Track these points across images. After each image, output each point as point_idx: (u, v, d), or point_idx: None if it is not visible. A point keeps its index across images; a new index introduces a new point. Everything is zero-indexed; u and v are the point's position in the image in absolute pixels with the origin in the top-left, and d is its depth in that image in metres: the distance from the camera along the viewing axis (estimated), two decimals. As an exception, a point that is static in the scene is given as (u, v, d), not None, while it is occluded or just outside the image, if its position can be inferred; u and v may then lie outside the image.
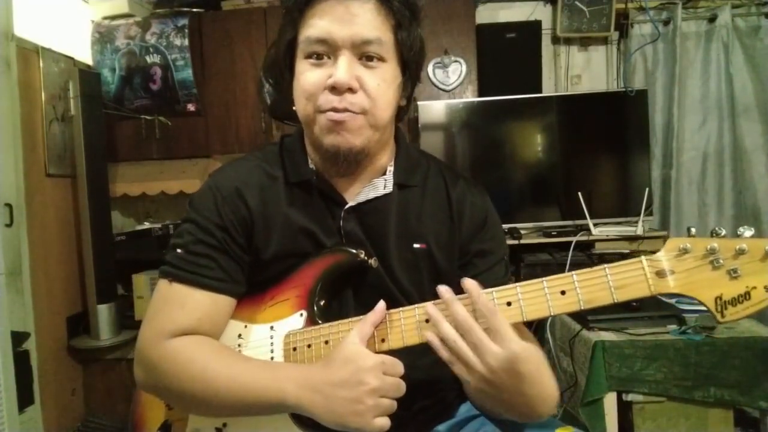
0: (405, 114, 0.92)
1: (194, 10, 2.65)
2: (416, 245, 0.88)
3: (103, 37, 2.65)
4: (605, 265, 0.71)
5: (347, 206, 0.87)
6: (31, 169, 2.20)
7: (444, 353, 0.72)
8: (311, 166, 0.89)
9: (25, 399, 2.04)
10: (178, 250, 0.84)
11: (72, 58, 2.51)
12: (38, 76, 2.28)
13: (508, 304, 0.73)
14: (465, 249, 0.90)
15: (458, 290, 0.83)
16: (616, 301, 0.70)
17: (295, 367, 0.78)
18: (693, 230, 0.70)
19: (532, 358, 0.69)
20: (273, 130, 2.63)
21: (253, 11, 2.67)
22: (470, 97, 2.64)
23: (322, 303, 0.85)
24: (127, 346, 2.43)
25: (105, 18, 2.67)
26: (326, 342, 0.79)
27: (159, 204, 2.95)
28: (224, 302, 0.85)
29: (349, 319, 0.79)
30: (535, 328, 2.29)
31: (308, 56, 0.81)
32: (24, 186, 2.13)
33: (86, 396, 2.48)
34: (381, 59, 0.80)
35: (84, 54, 2.62)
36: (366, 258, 0.85)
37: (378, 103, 0.80)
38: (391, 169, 0.90)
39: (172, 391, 0.81)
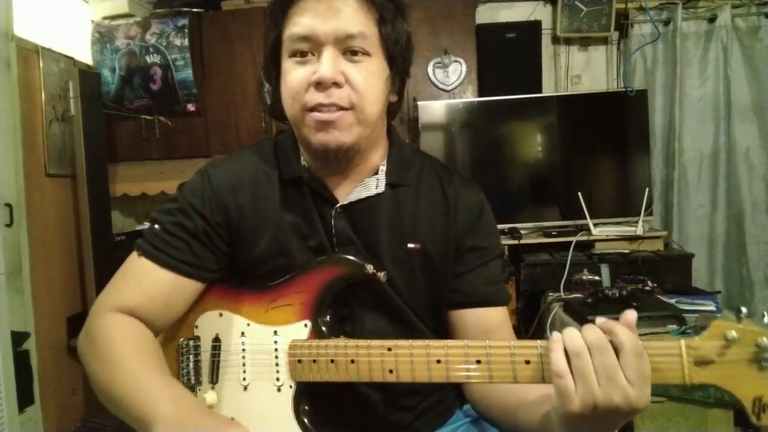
0: (397, 111, 0.91)
1: (194, 10, 2.66)
2: (410, 245, 0.88)
3: (103, 37, 2.65)
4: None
5: (338, 205, 0.87)
6: (31, 169, 2.20)
7: (559, 381, 0.62)
8: (303, 163, 0.88)
9: (25, 399, 2.04)
10: (156, 226, 0.86)
11: (72, 58, 2.51)
12: (38, 76, 2.28)
13: (527, 362, 0.67)
14: (458, 244, 0.89)
15: (454, 288, 0.86)
16: None
17: (173, 394, 0.72)
18: (744, 311, 0.62)
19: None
20: (273, 130, 2.63)
21: (253, 11, 2.67)
22: (470, 97, 2.64)
23: (325, 313, 0.84)
24: (127, 346, 2.43)
25: (105, 18, 2.67)
26: (332, 361, 0.78)
27: (159, 204, 2.93)
28: (189, 285, 0.85)
29: (356, 341, 0.77)
30: (535, 329, 2.29)
31: (292, 54, 0.80)
32: (24, 186, 2.13)
33: (86, 396, 2.48)
34: (366, 53, 0.80)
35: (84, 54, 2.62)
36: (375, 272, 0.83)
37: (366, 97, 0.79)
38: (383, 168, 0.89)
39: (86, 364, 0.80)
